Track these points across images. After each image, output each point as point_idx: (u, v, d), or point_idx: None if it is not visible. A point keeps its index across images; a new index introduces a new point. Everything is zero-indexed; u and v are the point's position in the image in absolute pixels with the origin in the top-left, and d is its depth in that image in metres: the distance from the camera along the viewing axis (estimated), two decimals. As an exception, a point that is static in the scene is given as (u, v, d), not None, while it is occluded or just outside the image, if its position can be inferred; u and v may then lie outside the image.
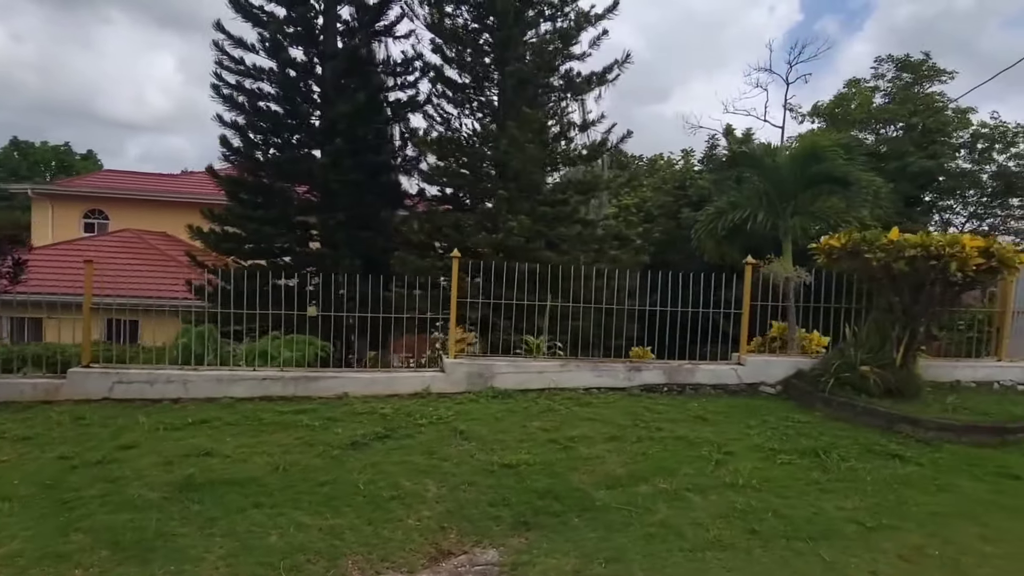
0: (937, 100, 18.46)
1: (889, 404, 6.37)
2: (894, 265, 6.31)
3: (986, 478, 4.99)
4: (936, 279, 6.32)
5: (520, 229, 10.28)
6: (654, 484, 4.72)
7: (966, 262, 6.14)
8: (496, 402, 6.51)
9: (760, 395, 7.29)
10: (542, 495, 4.56)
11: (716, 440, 5.61)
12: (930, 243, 6.23)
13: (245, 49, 12.84)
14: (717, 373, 7.27)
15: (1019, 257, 6.33)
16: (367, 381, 6.64)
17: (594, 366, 7.11)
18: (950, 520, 4.21)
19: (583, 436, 5.67)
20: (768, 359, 7.40)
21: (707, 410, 6.52)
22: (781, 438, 5.74)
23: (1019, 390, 7.47)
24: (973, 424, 5.96)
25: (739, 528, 4.06)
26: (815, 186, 9.91)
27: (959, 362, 7.65)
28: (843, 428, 6.14)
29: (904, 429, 6.04)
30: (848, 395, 6.61)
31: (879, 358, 6.81)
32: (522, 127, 10.79)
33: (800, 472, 4.98)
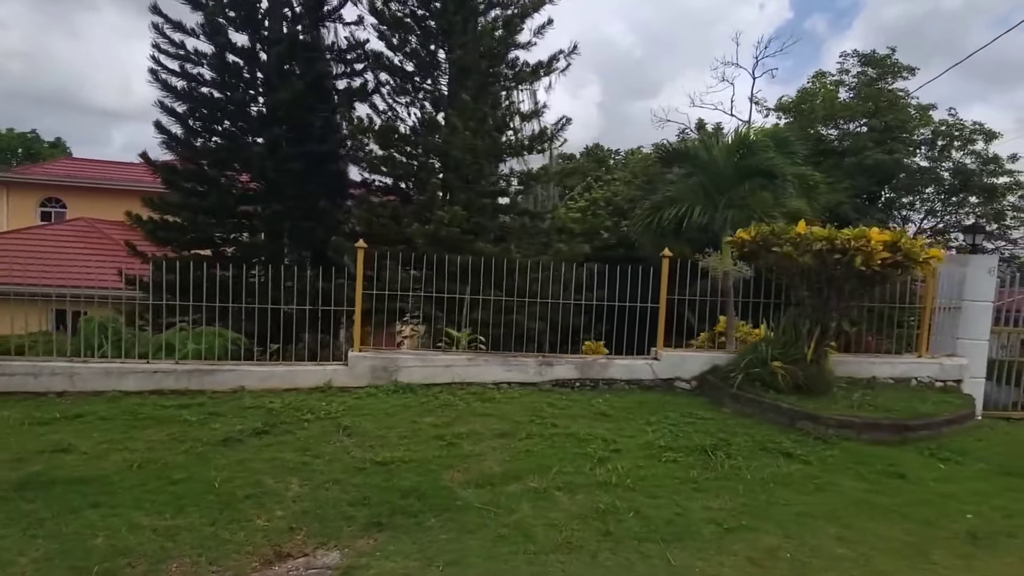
0: (899, 96, 18.43)
1: (794, 400, 6.26)
2: (800, 259, 6.19)
3: (870, 477, 4.89)
4: (844, 273, 6.20)
5: (452, 220, 10.07)
6: (526, 483, 4.57)
7: (871, 256, 6.03)
8: (395, 397, 6.32)
9: (675, 391, 7.17)
10: (406, 494, 4.39)
11: (608, 437, 5.47)
12: (836, 236, 6.11)
13: (185, 33, 12.47)
14: (632, 368, 7.13)
15: (925, 252, 6.23)
16: (264, 375, 6.43)
17: (504, 360, 6.94)
18: (814, 521, 4.09)
19: (472, 432, 5.50)
20: (683, 354, 7.27)
21: (612, 406, 6.38)
22: (676, 435, 5.61)
23: (936, 387, 7.41)
24: (873, 421, 5.87)
25: (594, 529, 3.91)
26: (748, 179, 9.80)
27: (877, 358, 7.57)
28: (745, 425, 6.03)
29: (805, 426, 5.94)
30: (756, 391, 6.50)
31: (790, 354, 6.69)
32: (462, 116, 10.58)
33: (681, 471, 4.84)
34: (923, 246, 6.22)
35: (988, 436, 6.20)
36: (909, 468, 5.11)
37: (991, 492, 4.69)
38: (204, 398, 6.09)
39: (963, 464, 5.31)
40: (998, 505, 4.46)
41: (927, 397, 6.83)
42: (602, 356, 7.35)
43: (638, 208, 11.31)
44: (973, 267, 7.88)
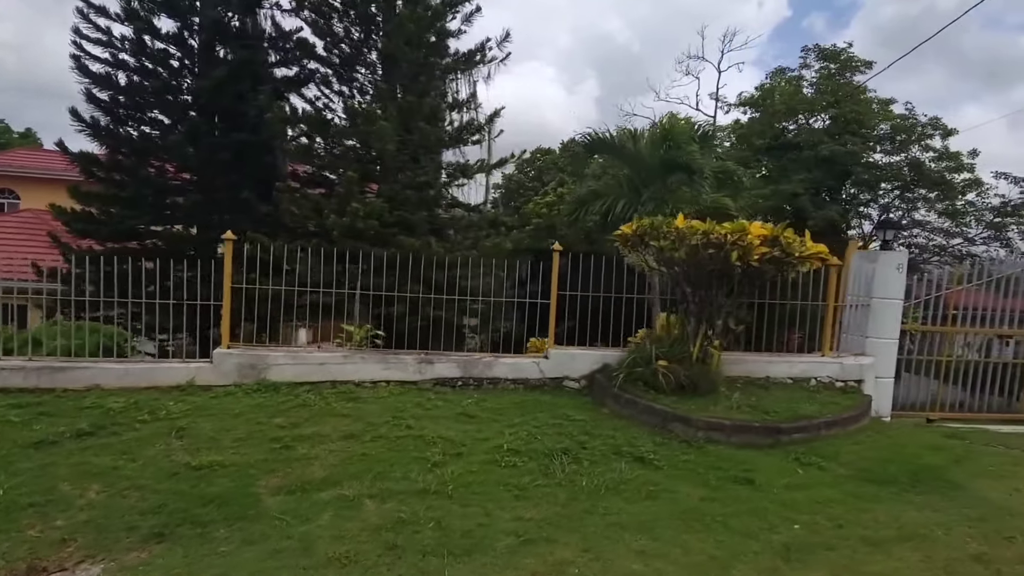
0: (861, 90, 18.19)
1: (671, 401, 6.01)
2: (675, 254, 5.92)
3: (715, 483, 4.64)
4: (722, 268, 5.94)
5: (370, 212, 9.77)
6: (341, 490, 4.30)
7: (748, 251, 5.77)
8: (254, 396, 6.03)
9: (563, 391, 6.90)
10: (207, 502, 4.12)
11: (459, 440, 5.21)
12: (712, 231, 5.83)
13: (110, 19, 12.09)
14: (518, 367, 6.86)
15: (806, 247, 5.96)
16: (121, 373, 6.12)
17: (382, 358, 6.66)
18: (624, 533, 3.83)
19: (317, 435, 5.22)
20: (573, 352, 7.00)
21: (483, 407, 6.11)
22: (534, 438, 5.34)
23: (837, 387, 7.16)
24: (743, 424, 5.62)
25: (381, 543, 3.64)
26: (671, 173, 9.54)
27: (777, 357, 7.32)
28: (615, 427, 5.78)
29: (676, 428, 5.69)
30: (637, 391, 6.24)
31: (676, 352, 6.44)
32: (382, 105, 10.26)
33: (515, 476, 4.57)
34: (802, 241, 5.95)
35: (870, 440, 5.95)
36: (763, 474, 4.85)
37: (836, 500, 4.44)
38: (48, 397, 5.79)
39: (825, 470, 5.07)
40: (835, 514, 4.21)
41: (818, 398, 6.59)
42: (488, 354, 7.08)
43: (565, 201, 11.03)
44: (882, 264, 7.64)
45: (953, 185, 16.53)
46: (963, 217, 17.13)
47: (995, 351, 9.08)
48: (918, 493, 4.65)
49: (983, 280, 8.49)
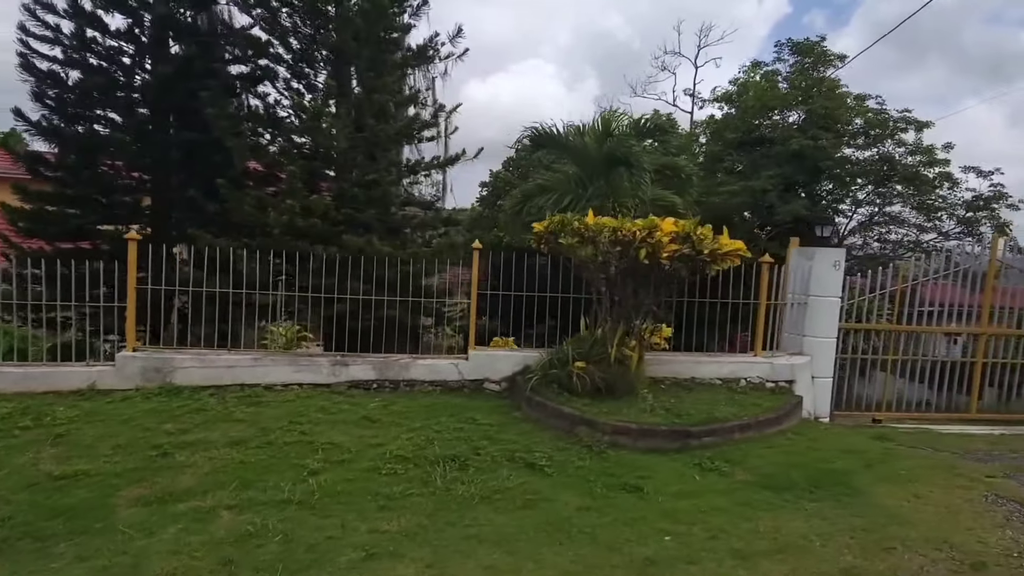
0: (834, 85, 17.94)
1: (582, 404, 5.83)
2: (582, 251, 5.73)
3: (600, 492, 4.45)
4: (631, 267, 5.75)
5: (313, 209, 9.59)
6: (202, 500, 4.11)
7: (657, 248, 5.57)
8: (152, 400, 5.85)
9: (483, 393, 6.72)
10: (59, 514, 3.95)
11: (349, 446, 5.03)
12: (621, 227, 5.64)
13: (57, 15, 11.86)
14: (436, 369, 6.67)
15: (719, 245, 5.76)
16: (19, 376, 5.95)
17: (293, 360, 6.48)
18: (480, 546, 3.65)
19: (202, 441, 5.04)
20: (493, 353, 6.83)
21: (390, 410, 5.93)
22: (430, 444, 5.15)
23: (767, 387, 6.98)
24: (650, 428, 5.43)
25: (217, 558, 3.46)
26: (613, 167, 9.33)
27: (705, 357, 7.13)
28: (523, 431, 5.60)
29: (582, 432, 5.50)
30: (549, 394, 6.06)
31: (594, 354, 6.25)
32: (329, 102, 10.06)
33: (391, 485, 4.39)
34: (715, 238, 5.75)
35: (786, 443, 5.76)
36: (656, 481, 4.67)
37: (722, 509, 4.25)
38: (-64, 403, 5.62)
39: (725, 476, 4.88)
40: (715, 525, 4.02)
41: (742, 400, 6.40)
42: (406, 355, 6.89)
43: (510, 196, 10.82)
44: (818, 261, 7.45)
45: (923, 179, 16.28)
46: (937, 212, 16.89)
47: (942, 349, 8.89)
48: (813, 500, 4.47)
49: (929, 276, 8.30)
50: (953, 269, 8.35)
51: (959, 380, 8.71)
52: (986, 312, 8.52)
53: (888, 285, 8.15)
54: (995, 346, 8.75)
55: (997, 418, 8.76)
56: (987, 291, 8.48)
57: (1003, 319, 8.76)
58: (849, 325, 7.84)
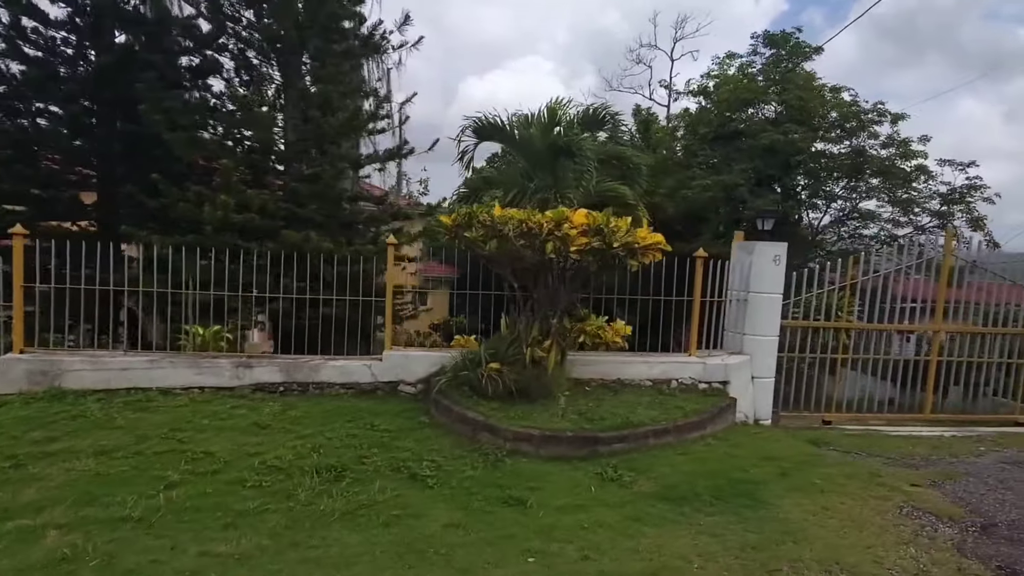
0: (809, 77, 17.57)
1: (489, 409, 5.47)
2: (486, 245, 5.37)
3: (478, 505, 4.10)
4: (539, 261, 5.39)
5: (249, 204, 9.23)
6: (36, 517, 3.75)
7: (565, 242, 5.21)
8: (31, 406, 5.47)
9: (396, 396, 6.35)
10: None
11: (225, 455, 4.68)
12: (528, 220, 5.27)
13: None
14: (348, 370, 6.31)
15: (634, 237, 5.40)
16: None
17: (194, 362, 6.11)
18: (317, 571, 3.29)
19: (67, 451, 4.68)
20: (408, 353, 6.46)
21: (286, 416, 5.56)
22: (315, 452, 4.80)
23: (699, 388, 6.63)
24: (555, 434, 5.08)
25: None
26: (557, 158, 8.97)
27: (635, 357, 6.77)
28: (423, 438, 5.25)
29: (484, 439, 5.16)
30: (458, 397, 5.71)
31: (510, 354, 5.90)
32: (260, 91, 9.67)
33: (249, 499, 4.03)
34: (630, 231, 5.39)
35: (704, 449, 5.41)
36: (546, 492, 4.32)
37: (608, 525, 3.90)
38: None
39: (625, 486, 4.53)
40: (593, 543, 3.68)
41: (668, 402, 6.05)
42: (317, 356, 6.53)
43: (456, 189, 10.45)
44: (758, 255, 7.09)
45: (895, 172, 15.92)
46: (912, 206, 16.54)
47: (895, 347, 8.56)
48: (711, 514, 4.12)
49: (879, 271, 7.95)
50: (907, 263, 7.99)
51: (924, 378, 8.37)
52: (940, 309, 8.17)
53: (837, 280, 7.80)
54: (953, 344, 8.41)
55: (953, 419, 8.44)
56: (941, 287, 8.13)
57: (969, 316, 8.46)
58: (791, 323, 7.49)
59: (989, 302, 8.91)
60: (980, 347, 8.50)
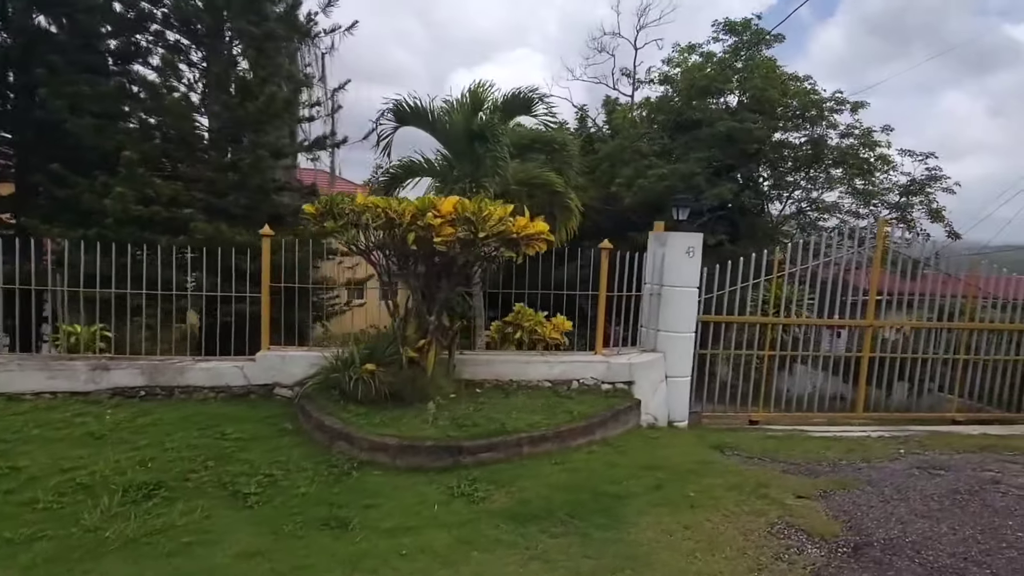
0: (770, 65, 17.16)
1: (355, 414, 5.02)
2: (345, 236, 4.90)
3: (288, 529, 3.63)
4: (408, 254, 4.92)
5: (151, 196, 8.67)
6: None
7: (430, 231, 4.74)
8: None
9: (271, 400, 5.87)
10: None
11: (37, 470, 4.24)
12: (388, 208, 4.80)
13: None
14: (218, 373, 5.82)
15: (511, 227, 4.94)
16: None
17: (45, 365, 5.60)
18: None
19: None
20: (285, 354, 5.97)
21: (132, 424, 5.08)
22: (141, 466, 4.34)
23: (603, 389, 6.19)
24: (413, 444, 4.62)
25: None
26: (475, 143, 8.48)
27: (533, 357, 6.33)
28: (276, 448, 4.80)
29: (341, 448, 4.70)
30: (325, 402, 5.24)
31: (387, 354, 5.43)
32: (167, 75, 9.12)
33: (28, 525, 3.54)
34: (502, 219, 4.92)
35: (583, 458, 4.96)
36: (382, 511, 3.87)
37: (431, 551, 3.45)
38: None
39: (477, 503, 4.08)
40: (404, 573, 3.22)
41: (559, 405, 5.61)
42: (186, 358, 6.03)
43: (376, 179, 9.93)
44: (671, 247, 6.65)
45: (856, 162, 15.56)
46: (872, 197, 16.19)
47: (825, 343, 8.18)
48: (556, 535, 3.68)
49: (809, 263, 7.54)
50: (836, 256, 7.59)
51: (870, 375, 8.01)
52: (872, 303, 7.78)
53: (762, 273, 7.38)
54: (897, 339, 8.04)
55: (889, 417, 8.08)
56: (873, 280, 7.74)
57: (924, 309, 8.12)
58: (709, 317, 7.06)
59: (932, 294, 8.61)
60: (926, 342, 8.16)
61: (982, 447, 6.29)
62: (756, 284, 7.41)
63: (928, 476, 5.09)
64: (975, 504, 4.34)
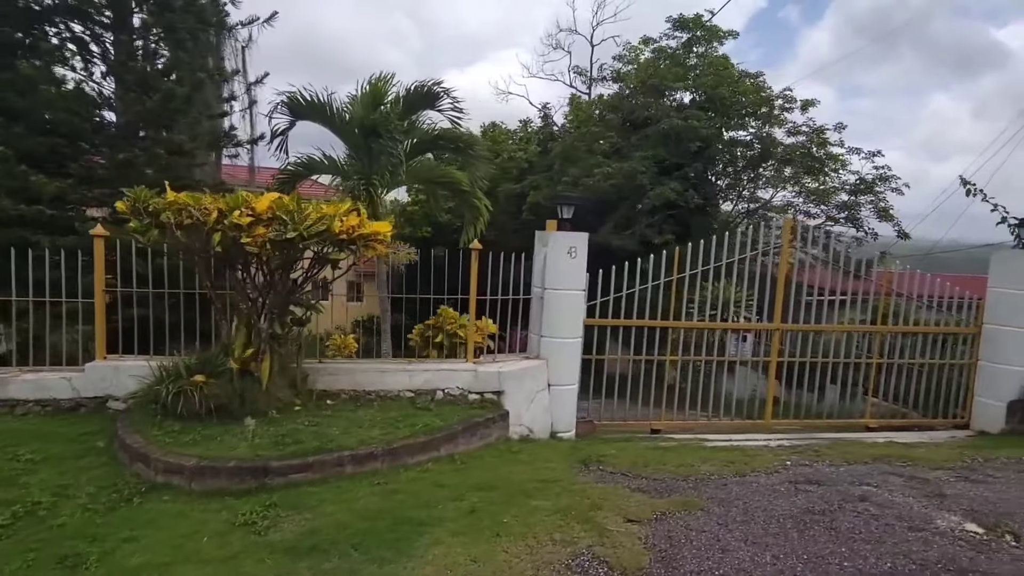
0: (722, 62, 16.87)
1: (164, 431, 4.58)
2: (147, 237, 4.47)
3: (15, 567, 3.19)
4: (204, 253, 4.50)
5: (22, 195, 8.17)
6: None
7: (239, 232, 4.31)
8: None
9: (101, 415, 5.41)
10: None
11: None
12: (193, 205, 4.37)
13: None
14: (44, 385, 5.37)
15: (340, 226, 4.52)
16: None
17: None
18: None
19: None
20: (118, 364, 5.51)
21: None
22: None
23: (470, 399, 5.79)
24: (212, 466, 4.19)
25: None
26: (373, 140, 8.05)
27: (393, 365, 5.93)
28: (71, 471, 4.37)
29: (138, 469, 4.27)
30: (138, 418, 4.81)
31: (219, 365, 5.00)
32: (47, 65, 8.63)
33: None
34: (321, 219, 4.50)
35: (409, 479, 4.51)
36: (138, 545, 3.44)
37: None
38: None
39: (261, 533, 3.65)
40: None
41: (407, 418, 5.19)
42: (12, 368, 5.56)
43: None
44: (552, 247, 6.27)
45: (800, 160, 15.28)
46: (825, 197, 15.93)
47: (729, 347, 7.82)
48: (325, 572, 3.27)
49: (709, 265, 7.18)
50: (739, 256, 7.24)
51: (808, 378, 7.68)
52: (779, 305, 7.44)
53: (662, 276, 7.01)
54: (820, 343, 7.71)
55: (801, 424, 7.75)
56: (779, 282, 7.40)
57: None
58: (594, 321, 6.67)
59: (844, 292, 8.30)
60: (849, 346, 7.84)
61: (878, 457, 5.97)
62: (665, 284, 7.07)
63: (793, 492, 4.73)
64: (819, 527, 3.98)
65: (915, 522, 4.10)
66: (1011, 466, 5.73)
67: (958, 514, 4.28)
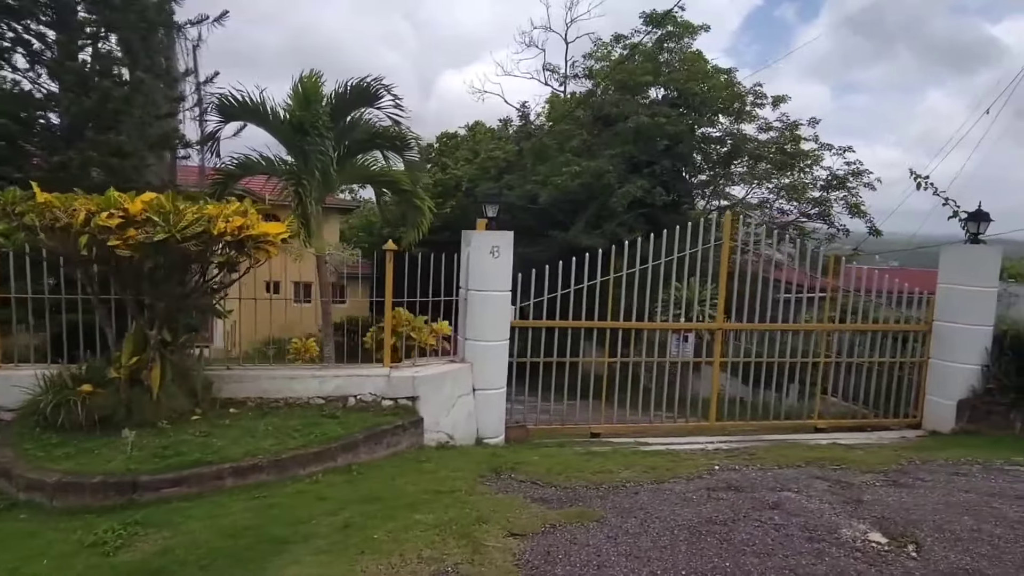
0: (694, 58, 16.66)
1: (36, 444, 4.37)
2: (12, 239, 4.25)
3: None
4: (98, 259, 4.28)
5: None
6: None
7: (107, 234, 4.10)
8: None
9: (-6, 426, 5.19)
10: None
11: None
12: (60, 206, 4.15)
13: None
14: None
15: (225, 227, 4.31)
16: None
17: None
18: None
19: None
20: (11, 374, 5.26)
21: None
22: None
23: (384, 405, 5.57)
24: (76, 481, 3.97)
25: None
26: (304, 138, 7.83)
27: (303, 371, 5.70)
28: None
29: (2, 487, 4.04)
30: (17, 431, 4.59)
31: (105, 373, 4.78)
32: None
33: None
34: (202, 218, 4.28)
35: (291, 492, 4.28)
36: (-34, 570, 3.22)
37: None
38: None
39: (109, 554, 3.43)
40: None
41: (311, 426, 4.97)
42: None
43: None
44: (475, 247, 6.05)
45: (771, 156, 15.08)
46: (795, 192, 15.72)
47: (672, 347, 7.61)
48: (158, 597, 3.05)
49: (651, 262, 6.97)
50: (679, 252, 7.03)
51: (766, 377, 7.49)
52: (721, 303, 7.23)
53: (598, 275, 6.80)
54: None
55: (748, 426, 7.55)
56: (721, 280, 7.19)
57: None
58: (521, 323, 6.45)
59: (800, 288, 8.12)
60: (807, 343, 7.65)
61: (812, 460, 5.77)
62: (604, 283, 6.85)
63: (704, 500, 4.51)
64: (713, 539, 3.75)
65: (818, 532, 3.88)
66: (945, 469, 5.52)
67: (867, 522, 4.06)
